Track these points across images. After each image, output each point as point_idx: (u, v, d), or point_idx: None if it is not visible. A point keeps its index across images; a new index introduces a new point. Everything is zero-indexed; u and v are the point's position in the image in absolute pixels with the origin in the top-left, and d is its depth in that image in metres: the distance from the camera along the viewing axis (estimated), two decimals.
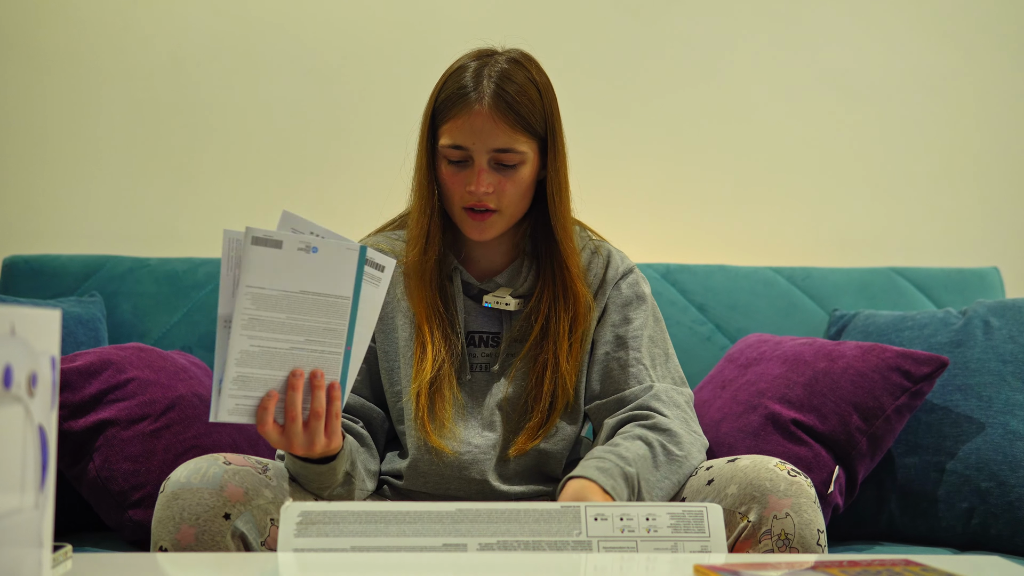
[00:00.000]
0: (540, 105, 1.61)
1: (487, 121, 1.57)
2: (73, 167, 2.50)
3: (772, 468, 1.42)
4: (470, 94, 1.57)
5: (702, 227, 2.56)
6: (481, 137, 1.57)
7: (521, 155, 1.59)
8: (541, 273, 1.66)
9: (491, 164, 1.59)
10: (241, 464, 1.43)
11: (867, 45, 2.59)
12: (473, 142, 1.57)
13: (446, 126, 1.59)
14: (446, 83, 1.61)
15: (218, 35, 2.51)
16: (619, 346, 1.66)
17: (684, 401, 1.64)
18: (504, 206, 1.61)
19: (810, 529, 1.38)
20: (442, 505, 1.37)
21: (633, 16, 2.56)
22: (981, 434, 1.94)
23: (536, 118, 1.60)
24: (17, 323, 0.90)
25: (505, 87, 1.58)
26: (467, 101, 1.57)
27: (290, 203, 2.51)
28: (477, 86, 1.58)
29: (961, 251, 2.57)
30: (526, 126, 1.59)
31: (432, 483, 1.64)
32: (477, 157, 1.58)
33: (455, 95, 1.59)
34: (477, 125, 1.57)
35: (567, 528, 1.36)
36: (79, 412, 1.82)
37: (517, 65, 1.61)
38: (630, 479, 1.47)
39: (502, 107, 1.57)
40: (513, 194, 1.61)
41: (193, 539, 1.35)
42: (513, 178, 1.60)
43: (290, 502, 1.38)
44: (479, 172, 1.58)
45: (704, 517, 1.37)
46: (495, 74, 1.59)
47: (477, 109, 1.57)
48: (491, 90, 1.57)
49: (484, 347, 1.66)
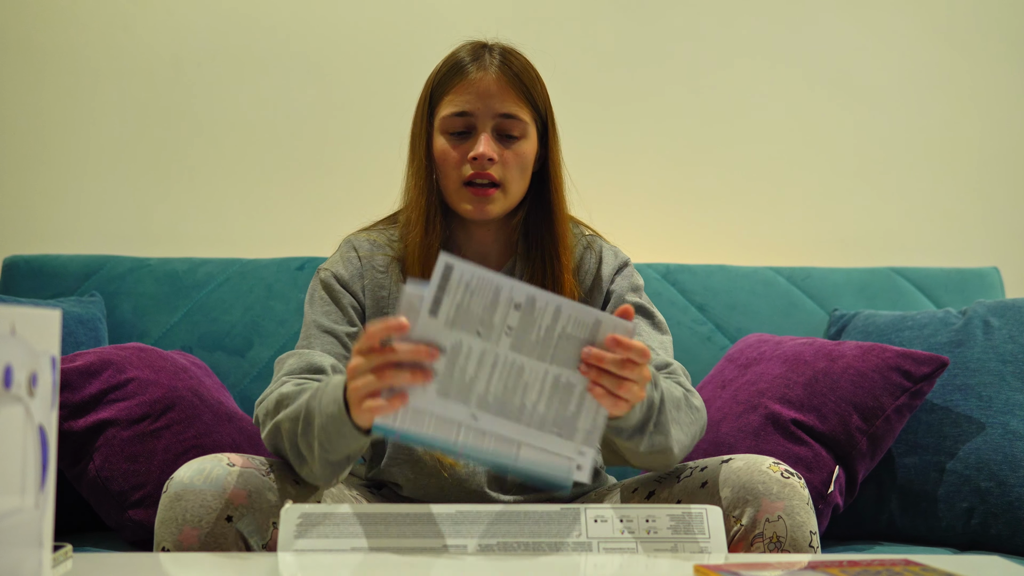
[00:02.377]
0: (541, 87, 1.62)
1: (493, 84, 1.57)
2: (73, 167, 2.50)
3: (765, 470, 1.41)
4: (472, 64, 1.59)
5: (702, 227, 2.56)
6: (486, 100, 1.57)
7: (524, 125, 1.59)
8: (531, 268, 1.64)
9: (494, 133, 1.58)
10: (244, 465, 1.42)
11: (867, 45, 2.59)
12: (477, 106, 1.57)
13: (447, 97, 1.59)
14: (442, 65, 1.62)
15: (218, 35, 2.51)
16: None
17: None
18: (507, 179, 1.59)
19: (802, 531, 1.38)
20: (442, 507, 1.37)
21: (632, 15, 2.56)
22: (981, 434, 1.94)
23: (539, 96, 1.61)
24: (17, 323, 0.90)
25: (509, 60, 1.60)
26: (471, 69, 1.58)
27: (290, 203, 2.51)
28: (480, 57, 1.59)
29: (961, 251, 2.57)
30: (529, 98, 1.59)
31: (432, 495, 1.63)
32: (481, 123, 1.57)
33: (455, 68, 1.60)
34: (483, 87, 1.57)
35: (567, 529, 1.36)
36: (79, 412, 1.82)
37: (514, 51, 1.64)
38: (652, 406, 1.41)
39: (508, 74, 1.58)
40: (515, 167, 1.60)
41: (196, 540, 1.35)
42: (515, 149, 1.59)
43: (290, 504, 1.38)
44: (483, 138, 1.57)
45: (704, 519, 1.37)
46: (496, 50, 1.61)
47: (482, 76, 1.58)
48: (497, 60, 1.59)
49: None
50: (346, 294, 1.62)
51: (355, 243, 1.68)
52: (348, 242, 1.69)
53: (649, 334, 1.63)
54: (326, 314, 1.60)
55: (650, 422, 1.40)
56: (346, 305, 1.61)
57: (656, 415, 1.41)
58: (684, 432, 1.46)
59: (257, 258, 2.33)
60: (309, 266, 2.28)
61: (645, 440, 1.41)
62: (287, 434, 1.42)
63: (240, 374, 2.19)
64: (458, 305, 1.20)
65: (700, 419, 1.51)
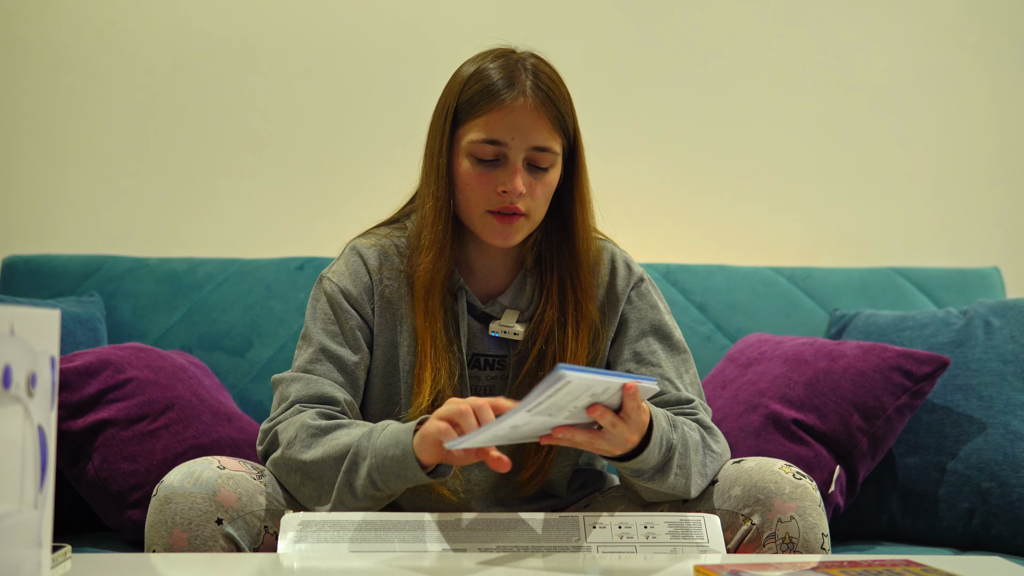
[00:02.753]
0: (571, 105, 1.54)
1: (530, 115, 1.48)
2: (73, 167, 2.49)
3: (777, 471, 1.41)
4: (508, 88, 1.48)
5: (702, 227, 2.56)
6: (523, 132, 1.48)
7: (554, 156, 1.51)
8: (546, 291, 1.57)
9: (525, 164, 1.50)
10: (236, 469, 1.41)
11: (868, 45, 2.59)
12: (513, 137, 1.48)
13: (478, 120, 1.49)
14: (470, 79, 1.51)
15: (218, 35, 2.51)
16: (639, 363, 1.57)
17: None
18: (532, 209, 1.52)
19: (814, 533, 1.38)
20: (442, 514, 1.37)
21: (633, 15, 2.56)
22: (982, 434, 1.94)
23: (569, 117, 1.53)
24: (17, 323, 0.90)
25: (543, 81, 1.51)
26: (506, 95, 1.48)
27: (290, 203, 2.51)
28: (514, 80, 1.49)
29: (961, 251, 2.57)
30: (562, 125, 1.51)
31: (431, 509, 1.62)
32: (513, 155, 1.49)
33: (488, 89, 1.49)
34: (519, 120, 1.48)
35: (566, 535, 1.35)
36: (78, 412, 1.82)
37: (544, 63, 1.54)
38: (672, 447, 1.41)
39: (545, 101, 1.49)
40: (542, 197, 1.52)
41: (186, 543, 1.35)
42: (544, 180, 1.52)
43: (290, 513, 1.37)
44: (515, 171, 1.49)
45: (703, 526, 1.36)
46: (529, 68, 1.51)
47: (520, 103, 1.48)
48: (531, 83, 1.49)
49: (490, 370, 1.59)
50: (353, 314, 1.56)
51: (362, 252, 1.60)
52: (354, 250, 1.61)
53: (665, 360, 1.58)
54: (331, 335, 1.55)
55: (670, 463, 1.40)
56: (352, 328, 1.55)
57: (677, 457, 1.41)
58: (703, 475, 1.45)
59: (256, 258, 2.33)
60: (309, 266, 2.27)
61: (666, 482, 1.41)
62: (317, 466, 1.42)
63: (239, 374, 2.19)
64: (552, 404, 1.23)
65: (719, 461, 1.48)
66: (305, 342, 1.56)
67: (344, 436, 1.43)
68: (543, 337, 1.55)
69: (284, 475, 1.46)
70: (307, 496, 1.44)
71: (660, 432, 1.38)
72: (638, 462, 1.37)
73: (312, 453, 1.43)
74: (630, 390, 1.29)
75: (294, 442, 1.44)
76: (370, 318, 1.57)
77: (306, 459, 1.43)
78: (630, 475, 1.41)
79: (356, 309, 1.57)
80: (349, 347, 1.55)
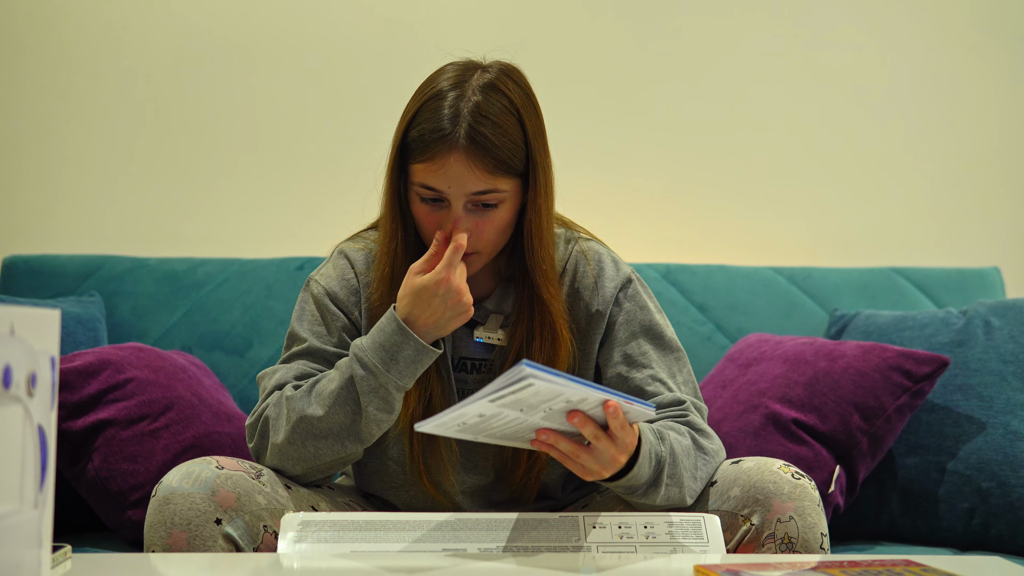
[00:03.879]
0: (520, 137, 1.47)
1: (462, 167, 1.43)
2: (72, 167, 2.49)
3: (776, 471, 1.41)
4: (440, 140, 1.44)
5: (702, 227, 2.56)
6: (458, 183, 1.44)
7: (502, 194, 1.47)
8: (525, 299, 1.55)
9: (468, 207, 1.47)
10: (234, 468, 1.41)
11: (868, 45, 2.59)
12: (449, 186, 1.45)
13: (419, 165, 1.46)
14: (415, 118, 1.48)
15: (218, 35, 2.51)
16: (631, 366, 1.56)
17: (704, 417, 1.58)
18: (482, 246, 1.49)
19: (813, 533, 1.38)
20: (442, 514, 1.37)
21: (632, 15, 2.56)
22: (982, 434, 1.94)
23: (515, 156, 1.46)
24: (17, 323, 0.90)
25: (480, 127, 1.44)
26: (440, 145, 1.44)
27: (289, 203, 2.51)
28: (452, 127, 1.44)
29: (961, 251, 2.56)
30: (504, 168, 1.45)
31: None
32: (454, 201, 1.46)
33: (424, 138, 1.45)
34: (452, 172, 1.44)
35: (566, 535, 1.35)
36: (78, 412, 1.82)
37: (493, 92, 1.47)
38: (661, 460, 1.40)
39: (479, 152, 1.43)
40: (491, 234, 1.49)
41: (184, 544, 1.35)
42: (492, 218, 1.48)
43: (290, 513, 1.37)
44: (456, 218, 1.46)
45: (702, 526, 1.36)
46: (469, 110, 1.45)
47: (453, 157, 1.43)
48: (465, 131, 1.43)
49: (476, 373, 1.58)
50: (340, 316, 1.56)
51: (350, 256, 1.61)
52: (342, 254, 1.61)
53: (657, 361, 1.56)
54: (317, 336, 1.55)
55: (661, 476, 1.40)
56: (339, 329, 1.55)
57: (667, 468, 1.40)
58: (696, 480, 1.45)
59: (256, 258, 2.33)
60: (308, 266, 2.27)
61: (659, 495, 1.40)
62: (325, 420, 1.45)
63: (239, 374, 2.19)
64: (517, 399, 1.21)
65: (713, 462, 1.47)
66: (290, 341, 1.57)
67: (328, 380, 1.47)
68: (518, 343, 1.54)
69: (297, 450, 1.46)
70: (329, 452, 1.46)
71: (648, 447, 1.37)
72: (629, 479, 1.37)
73: (312, 410, 1.45)
74: (610, 408, 1.26)
75: (280, 419, 1.47)
76: (357, 320, 1.57)
77: (311, 414, 1.45)
78: (623, 493, 1.41)
79: (343, 311, 1.57)
80: (335, 346, 1.55)
